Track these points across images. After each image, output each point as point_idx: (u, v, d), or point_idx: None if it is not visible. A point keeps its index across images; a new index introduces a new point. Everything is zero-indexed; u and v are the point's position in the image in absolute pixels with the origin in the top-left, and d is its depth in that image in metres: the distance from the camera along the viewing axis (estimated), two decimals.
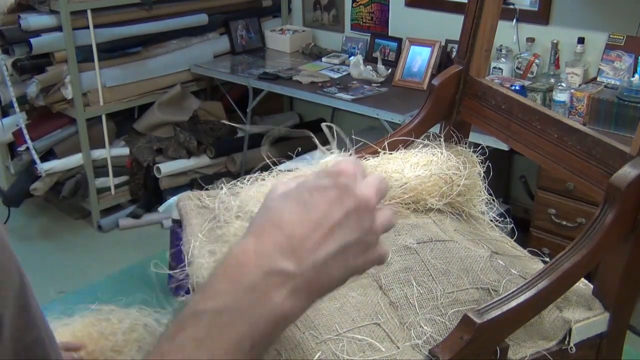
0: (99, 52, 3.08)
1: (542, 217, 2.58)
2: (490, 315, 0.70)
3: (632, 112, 2.39)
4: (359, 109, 2.96)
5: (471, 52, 1.07)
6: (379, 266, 0.60)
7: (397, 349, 0.71)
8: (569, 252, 0.77)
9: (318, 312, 0.74)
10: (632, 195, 0.75)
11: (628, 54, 2.63)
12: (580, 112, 2.56)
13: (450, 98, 1.10)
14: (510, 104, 1.01)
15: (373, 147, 1.06)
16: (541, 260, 0.90)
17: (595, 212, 0.78)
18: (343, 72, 3.35)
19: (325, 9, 3.80)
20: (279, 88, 3.26)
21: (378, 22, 3.56)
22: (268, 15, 3.98)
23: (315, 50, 3.65)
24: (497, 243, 0.91)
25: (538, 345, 0.78)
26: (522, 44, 3.00)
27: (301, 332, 0.72)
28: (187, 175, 3.42)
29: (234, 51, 3.73)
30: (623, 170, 0.77)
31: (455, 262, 0.83)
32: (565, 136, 0.91)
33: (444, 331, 0.74)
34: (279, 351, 0.70)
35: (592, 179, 0.87)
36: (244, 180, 1.02)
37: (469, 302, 0.78)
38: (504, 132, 1.03)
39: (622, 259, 0.79)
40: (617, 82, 2.63)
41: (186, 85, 3.53)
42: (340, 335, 0.71)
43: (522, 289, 0.74)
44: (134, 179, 3.42)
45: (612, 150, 0.84)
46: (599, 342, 0.84)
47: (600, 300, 0.83)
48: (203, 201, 0.99)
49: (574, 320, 0.79)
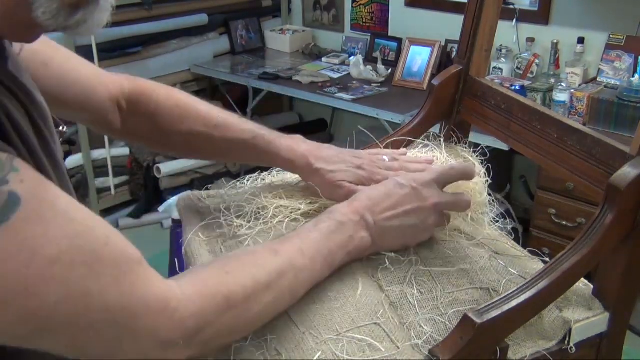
0: (99, 52, 3.08)
1: (542, 217, 2.58)
2: (490, 315, 0.70)
3: (632, 112, 2.39)
4: (359, 109, 2.97)
5: (471, 52, 1.07)
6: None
7: (397, 349, 0.71)
8: (569, 252, 0.77)
9: (318, 312, 0.74)
10: (632, 195, 0.75)
11: (628, 54, 2.63)
12: (580, 112, 2.56)
13: (450, 98, 1.10)
14: (510, 104, 1.01)
15: (373, 147, 1.06)
16: (541, 260, 0.90)
17: (595, 212, 0.78)
18: (343, 72, 3.36)
19: (325, 9, 3.80)
20: (279, 88, 3.26)
21: (378, 22, 3.56)
22: (268, 15, 3.99)
23: (315, 50, 3.65)
24: (497, 243, 0.91)
25: (538, 345, 0.78)
26: (522, 44, 3.00)
27: (301, 332, 0.72)
28: (187, 175, 3.42)
29: (234, 51, 3.73)
30: (623, 170, 0.77)
31: (455, 262, 0.83)
32: (565, 136, 0.91)
33: (444, 331, 0.74)
34: (279, 351, 0.70)
35: (592, 179, 0.87)
36: (244, 180, 1.02)
37: (469, 302, 0.78)
38: (504, 132, 1.03)
39: (622, 259, 0.79)
40: (617, 82, 2.63)
41: (186, 85, 3.53)
42: (340, 335, 0.71)
43: (522, 289, 0.74)
44: (134, 179, 3.42)
45: (612, 150, 0.84)
46: (599, 342, 0.84)
47: (600, 300, 0.83)
48: (203, 201, 0.99)
49: (574, 320, 0.79)
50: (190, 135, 0.94)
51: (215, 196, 1.00)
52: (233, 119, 0.95)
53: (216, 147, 0.96)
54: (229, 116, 0.96)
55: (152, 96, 0.95)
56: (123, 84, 0.95)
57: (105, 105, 0.92)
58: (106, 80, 0.94)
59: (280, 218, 0.90)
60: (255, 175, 1.03)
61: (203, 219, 0.94)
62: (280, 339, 0.72)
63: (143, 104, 0.94)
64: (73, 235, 0.56)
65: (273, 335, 0.72)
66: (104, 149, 3.25)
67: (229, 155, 1.07)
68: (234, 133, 0.94)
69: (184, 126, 0.94)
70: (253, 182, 1.03)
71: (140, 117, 0.95)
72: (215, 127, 0.94)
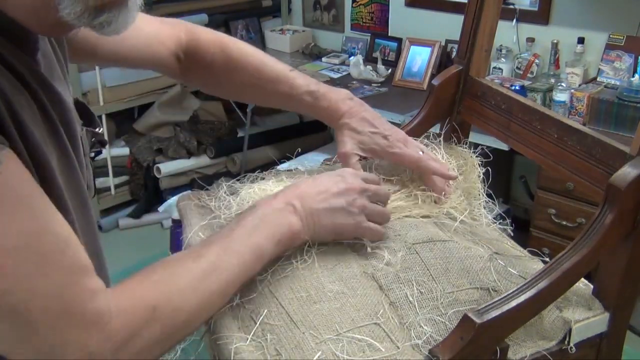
0: None
1: (542, 217, 2.58)
2: (490, 315, 0.70)
3: (632, 112, 2.39)
4: None
5: (471, 52, 1.07)
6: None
7: (397, 349, 0.71)
8: (569, 252, 0.77)
9: (318, 312, 0.74)
10: (632, 195, 0.75)
11: (628, 54, 2.63)
12: (580, 112, 2.56)
13: (450, 98, 1.11)
14: (510, 104, 1.01)
15: None
16: (541, 260, 0.90)
17: (595, 212, 0.78)
18: (343, 72, 3.35)
19: (325, 9, 3.80)
20: None
21: (378, 22, 3.56)
22: (268, 15, 3.98)
23: (315, 50, 3.65)
24: (497, 243, 0.91)
25: (538, 345, 0.78)
26: (522, 44, 3.00)
27: (301, 332, 0.72)
28: (187, 175, 3.42)
29: None
30: (623, 170, 0.77)
31: (455, 262, 0.83)
32: (565, 136, 0.91)
33: (444, 331, 0.74)
34: (279, 351, 0.70)
35: (592, 179, 0.87)
36: (244, 180, 1.02)
37: (469, 302, 0.78)
38: (504, 132, 1.03)
39: (622, 259, 0.79)
40: (617, 82, 2.63)
41: (186, 85, 3.53)
42: (340, 335, 0.71)
43: (522, 289, 0.74)
44: (134, 179, 3.41)
45: (612, 150, 0.84)
46: (599, 342, 0.84)
47: (600, 300, 0.83)
48: (203, 201, 0.99)
49: (573, 320, 0.79)
50: (242, 86, 1.05)
51: (215, 196, 1.00)
52: (285, 73, 1.03)
53: (266, 98, 1.07)
54: (281, 70, 1.03)
55: (208, 51, 1.03)
56: (181, 38, 1.03)
57: (164, 62, 1.02)
58: (165, 37, 1.01)
59: None
60: (255, 174, 1.03)
61: (203, 219, 0.94)
62: (280, 339, 0.72)
63: (199, 57, 1.03)
64: (33, 232, 0.58)
65: (273, 335, 0.72)
66: (103, 149, 3.25)
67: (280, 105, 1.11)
68: (284, 87, 1.02)
69: (237, 78, 1.03)
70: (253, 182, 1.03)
71: (197, 70, 1.04)
72: (267, 81, 1.02)
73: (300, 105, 1.03)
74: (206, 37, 1.04)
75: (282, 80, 1.02)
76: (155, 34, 1.00)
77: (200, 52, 1.03)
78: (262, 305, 0.76)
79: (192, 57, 1.03)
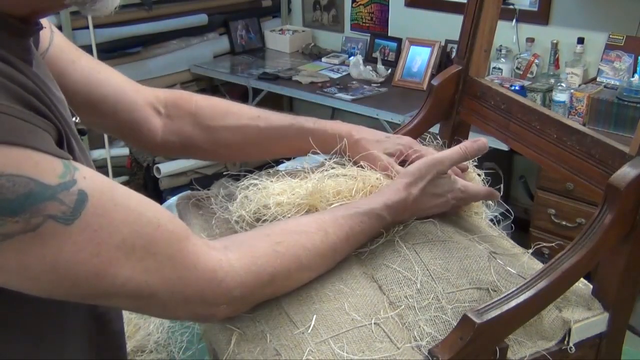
0: (99, 52, 3.08)
1: (542, 217, 2.58)
2: (490, 315, 0.70)
3: (632, 112, 2.39)
4: (359, 109, 2.97)
5: (471, 52, 1.07)
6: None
7: (397, 349, 0.71)
8: (568, 252, 0.77)
9: (318, 312, 0.74)
10: (631, 195, 0.75)
11: (628, 54, 2.63)
12: (580, 112, 2.56)
13: (449, 98, 1.11)
14: (510, 104, 1.01)
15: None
16: (541, 260, 0.90)
17: (595, 212, 0.78)
18: (343, 72, 3.36)
19: (325, 9, 3.81)
20: (278, 88, 3.26)
21: (378, 22, 3.57)
22: (268, 16, 3.99)
23: (315, 51, 3.65)
24: (496, 243, 0.92)
25: (537, 345, 0.78)
26: (521, 44, 3.00)
27: (301, 332, 0.72)
28: (187, 175, 3.42)
29: (233, 51, 3.73)
30: (622, 170, 0.77)
31: (455, 262, 0.83)
32: (564, 136, 0.91)
33: (444, 331, 0.74)
34: (279, 351, 0.70)
35: (591, 179, 0.87)
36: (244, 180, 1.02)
37: (468, 302, 0.78)
38: (503, 132, 1.03)
39: (622, 259, 0.79)
40: (616, 82, 2.63)
41: (186, 86, 3.53)
42: (340, 335, 0.71)
43: (522, 289, 0.74)
44: (134, 179, 3.42)
45: (612, 150, 0.84)
46: (599, 342, 0.84)
47: (599, 300, 0.83)
48: (203, 201, 0.99)
49: (573, 320, 0.79)
50: (238, 128, 0.98)
51: (215, 196, 1.00)
52: (269, 111, 1.00)
53: (263, 137, 0.99)
54: (264, 110, 1.01)
55: (191, 99, 0.99)
56: (157, 92, 0.99)
57: (139, 109, 0.95)
58: (139, 87, 0.97)
59: (281, 217, 0.90)
60: (254, 174, 1.03)
61: (203, 219, 0.94)
62: (280, 339, 0.72)
63: (183, 105, 0.98)
64: (131, 221, 0.62)
65: (273, 335, 0.72)
66: (103, 149, 3.25)
67: (278, 143, 1.04)
68: (276, 121, 0.99)
69: (230, 120, 0.98)
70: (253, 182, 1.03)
71: (183, 117, 0.98)
72: (258, 117, 0.98)
73: (300, 132, 0.98)
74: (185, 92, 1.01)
75: (273, 115, 1.00)
76: (128, 81, 0.96)
77: (184, 100, 0.99)
78: (261, 306, 0.76)
79: (176, 106, 0.98)
